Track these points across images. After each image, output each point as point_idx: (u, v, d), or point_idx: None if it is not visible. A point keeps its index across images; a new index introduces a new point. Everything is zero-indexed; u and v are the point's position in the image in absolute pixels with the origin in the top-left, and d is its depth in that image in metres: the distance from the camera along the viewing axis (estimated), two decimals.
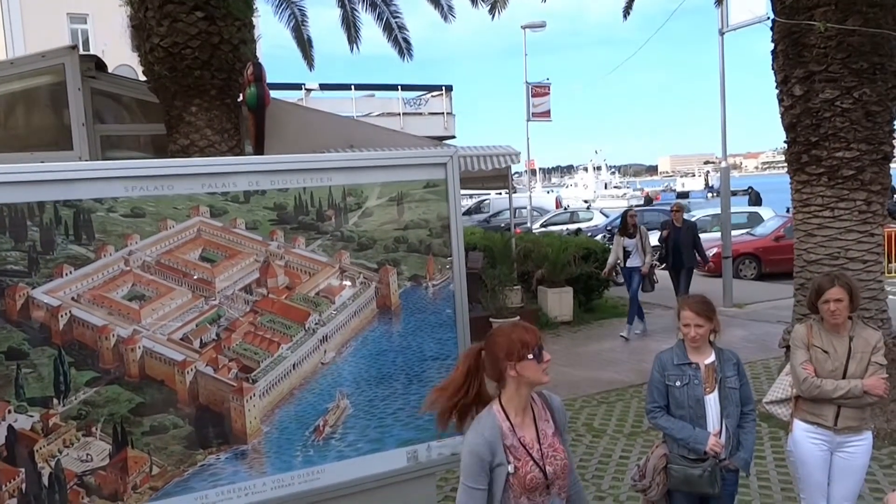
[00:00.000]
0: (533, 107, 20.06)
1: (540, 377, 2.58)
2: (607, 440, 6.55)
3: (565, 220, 25.15)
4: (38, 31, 21.81)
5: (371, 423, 3.96)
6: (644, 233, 11.04)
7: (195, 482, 3.53)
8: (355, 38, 11.30)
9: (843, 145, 6.45)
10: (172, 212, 3.47)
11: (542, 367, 2.57)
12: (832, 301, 3.80)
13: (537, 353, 2.55)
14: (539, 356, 2.55)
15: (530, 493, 2.52)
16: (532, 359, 2.54)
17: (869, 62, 6.37)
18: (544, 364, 2.57)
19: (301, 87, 18.73)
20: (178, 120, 7.31)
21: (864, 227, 6.52)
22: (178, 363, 3.47)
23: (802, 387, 3.85)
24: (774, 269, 16.04)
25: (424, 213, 4.09)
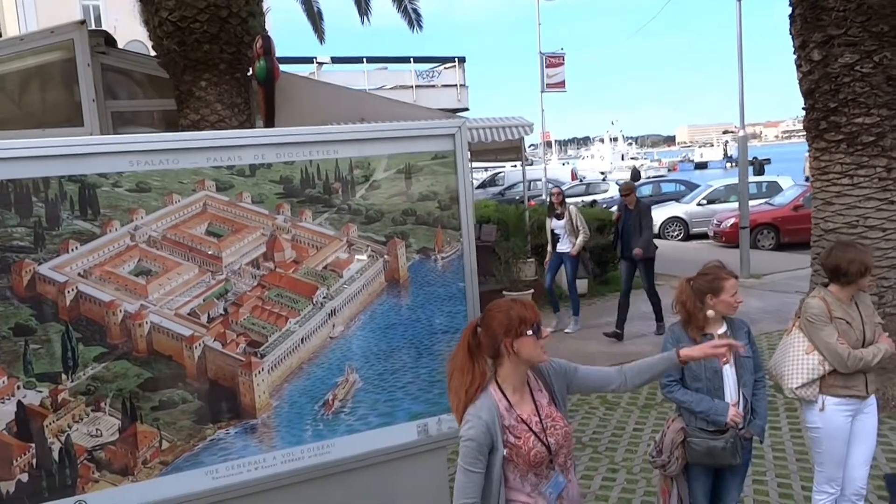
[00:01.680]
0: (547, 77, 19.77)
1: (540, 355, 2.54)
2: (621, 412, 6.53)
3: (581, 193, 24.98)
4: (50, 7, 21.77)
5: (381, 397, 3.95)
6: (574, 213, 9.87)
7: (205, 456, 3.54)
8: (366, 10, 11.19)
9: (863, 111, 6.32)
10: (178, 186, 3.45)
11: (541, 344, 2.52)
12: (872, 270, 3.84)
13: (536, 330, 2.50)
14: (538, 333, 2.50)
15: (536, 469, 2.49)
16: (531, 335, 2.49)
17: (889, 25, 6.20)
18: (543, 341, 2.53)
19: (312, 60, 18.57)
20: (188, 95, 7.28)
21: (883, 195, 6.41)
22: (185, 338, 3.47)
23: (849, 363, 3.74)
24: (793, 238, 15.84)
25: (433, 185, 4.03)
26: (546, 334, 2.54)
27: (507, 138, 10.95)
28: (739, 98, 13.48)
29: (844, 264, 3.77)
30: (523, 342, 2.48)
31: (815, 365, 3.82)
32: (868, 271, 3.78)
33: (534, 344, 2.50)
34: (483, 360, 2.53)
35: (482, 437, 2.44)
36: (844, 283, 3.82)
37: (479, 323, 2.57)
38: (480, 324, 2.56)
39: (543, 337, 2.53)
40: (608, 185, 27.14)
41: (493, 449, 2.46)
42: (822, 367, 3.80)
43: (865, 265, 3.75)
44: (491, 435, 2.44)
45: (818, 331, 3.80)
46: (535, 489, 2.50)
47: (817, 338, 3.81)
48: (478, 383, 2.50)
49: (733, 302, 3.54)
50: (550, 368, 2.71)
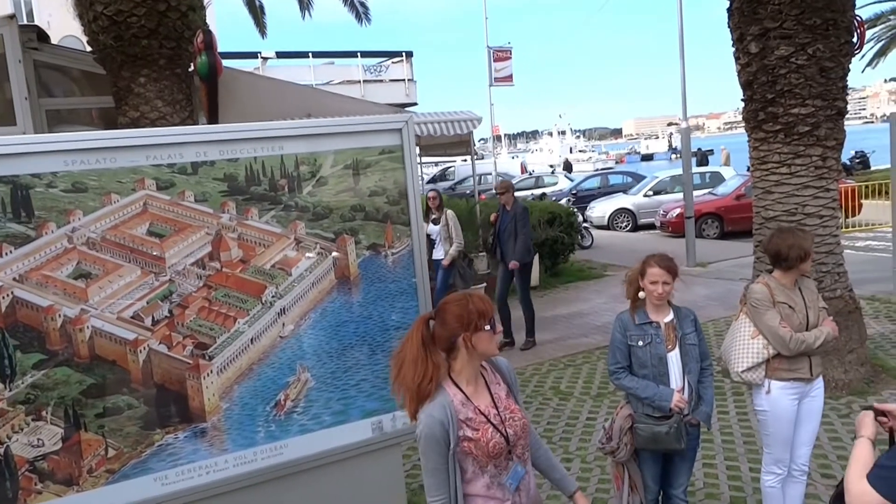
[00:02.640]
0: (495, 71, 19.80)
1: (494, 348, 2.57)
2: (574, 402, 6.60)
3: (530, 186, 25.19)
4: None
5: (334, 396, 3.91)
6: (451, 218, 9.24)
7: (153, 463, 3.45)
8: (307, 5, 11.03)
9: (799, 102, 6.49)
10: (116, 185, 3.34)
11: (496, 339, 2.55)
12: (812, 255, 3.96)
13: (493, 324, 2.51)
14: (494, 327, 2.52)
15: (496, 460, 2.49)
16: (488, 329, 2.49)
17: (822, 18, 6.38)
18: (497, 335, 2.55)
19: (257, 55, 18.27)
20: (126, 91, 7.08)
21: (819, 183, 6.60)
22: (129, 342, 3.37)
23: (791, 346, 3.83)
24: (736, 227, 16.27)
25: (381, 180, 4.00)
26: (499, 329, 2.56)
27: (455, 132, 10.95)
28: (682, 91, 13.76)
29: (784, 250, 3.87)
30: (480, 336, 2.48)
31: (759, 349, 3.92)
32: (807, 256, 3.89)
33: (490, 338, 2.51)
34: (437, 353, 2.51)
35: (439, 435, 2.43)
36: (786, 269, 3.92)
37: (433, 316, 2.55)
38: (435, 317, 2.55)
39: (497, 332, 2.54)
40: (557, 178, 27.44)
41: (454, 445, 2.45)
42: (767, 351, 3.90)
43: (805, 250, 3.86)
44: (447, 431, 2.43)
45: (761, 315, 3.90)
46: (494, 480, 2.51)
47: (761, 322, 3.91)
48: (431, 376, 2.46)
49: (652, 289, 3.60)
50: (507, 366, 2.74)
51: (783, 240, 3.92)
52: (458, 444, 2.45)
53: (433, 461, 2.45)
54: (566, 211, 13.18)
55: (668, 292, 3.61)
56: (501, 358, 2.74)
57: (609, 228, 19.78)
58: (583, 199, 21.73)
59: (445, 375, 2.54)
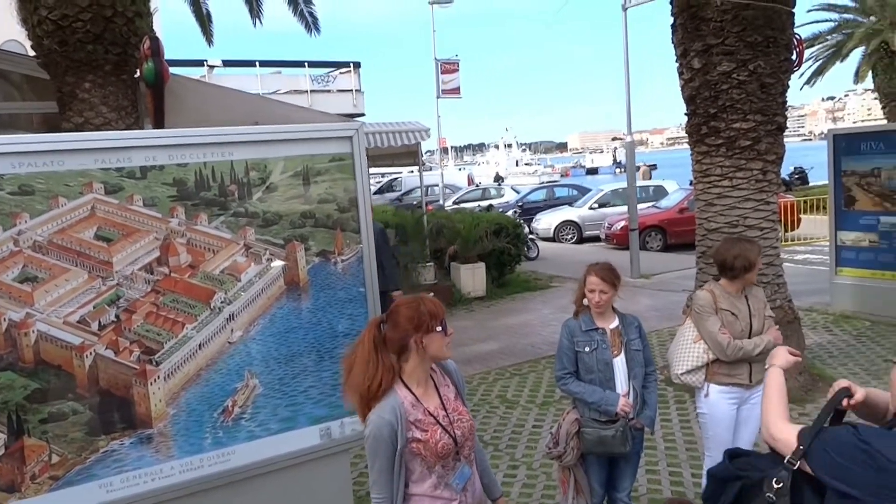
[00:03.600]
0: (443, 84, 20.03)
1: (445, 351, 2.58)
2: (520, 410, 6.70)
3: (477, 198, 25.42)
4: None
5: (282, 402, 3.91)
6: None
7: (98, 469, 3.41)
8: (258, 12, 10.98)
9: (740, 116, 6.71)
10: (64, 189, 3.30)
11: (447, 341, 2.57)
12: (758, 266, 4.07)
13: (445, 326, 2.55)
14: (445, 329, 2.55)
15: (443, 460, 2.54)
16: (440, 331, 2.53)
17: (762, 35, 6.61)
18: (449, 338, 2.57)
19: (203, 63, 18.06)
20: (70, 97, 6.93)
21: (760, 196, 6.84)
22: (75, 347, 3.33)
23: (728, 352, 3.96)
24: (679, 240, 16.67)
25: (331, 187, 4.04)
26: (451, 331, 2.59)
27: (403, 143, 11.02)
28: (626, 106, 14.11)
29: (730, 259, 4.02)
30: (432, 338, 2.52)
31: (700, 353, 4.06)
32: (753, 267, 4.02)
33: (441, 340, 2.54)
34: (388, 355, 2.53)
35: (387, 436, 2.45)
36: (731, 277, 4.07)
37: (386, 318, 2.59)
38: (387, 319, 2.57)
39: (449, 334, 2.57)
40: (503, 191, 27.76)
41: (402, 446, 2.48)
42: (707, 356, 4.04)
43: (750, 261, 4.00)
44: (395, 432, 2.46)
45: (703, 321, 4.05)
46: (441, 481, 2.55)
47: (702, 327, 4.05)
48: (381, 377, 2.49)
49: (590, 297, 3.73)
50: (455, 369, 2.78)
51: (729, 249, 4.07)
52: (407, 446, 2.49)
53: (380, 461, 2.47)
54: (512, 222, 13.35)
55: (605, 300, 3.71)
56: (450, 360, 2.78)
57: (555, 240, 20.08)
58: (529, 212, 22.02)
59: (396, 378, 2.56)
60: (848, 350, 8.00)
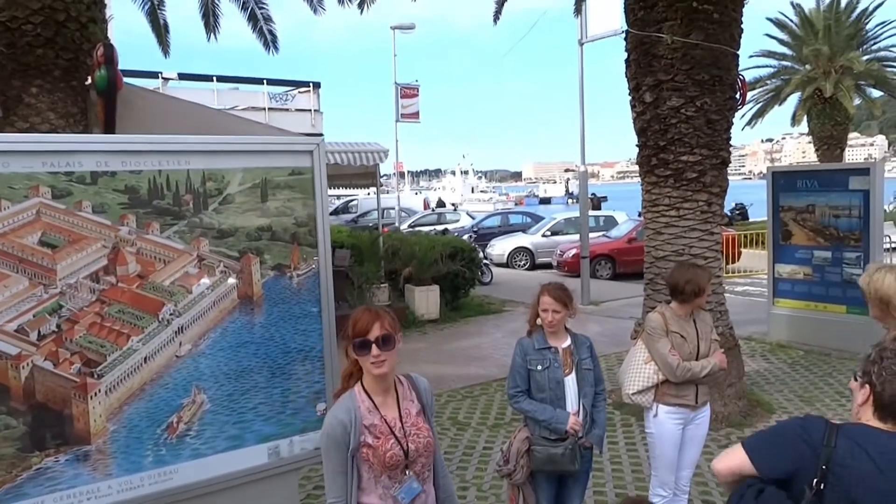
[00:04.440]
0: (402, 108, 20.16)
1: (367, 368, 2.51)
2: (471, 432, 6.66)
3: (433, 222, 25.46)
4: None
5: (230, 419, 3.80)
6: None
7: (29, 488, 3.24)
8: (214, 27, 10.85)
9: (688, 150, 6.92)
10: (8, 191, 3.17)
11: (368, 360, 2.48)
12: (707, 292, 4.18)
13: (356, 346, 2.47)
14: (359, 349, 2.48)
15: (391, 471, 2.51)
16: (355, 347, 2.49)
17: (710, 74, 6.88)
18: (370, 357, 2.47)
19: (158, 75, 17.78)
20: (16, 101, 6.70)
21: (705, 226, 7.03)
22: (11, 357, 3.18)
23: (677, 373, 4.05)
24: (628, 269, 17.00)
25: (289, 201, 3.98)
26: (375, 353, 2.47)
27: (362, 163, 10.99)
28: (581, 137, 14.36)
29: (682, 283, 4.12)
30: (357, 352, 2.51)
31: (650, 374, 4.14)
32: (702, 292, 4.14)
33: (363, 358, 2.50)
34: None
35: (339, 436, 2.46)
36: (681, 301, 4.17)
37: None
38: None
39: (372, 355, 2.47)
40: (459, 215, 27.90)
41: (355, 448, 2.48)
42: (657, 377, 4.13)
43: (700, 286, 4.11)
44: (348, 434, 2.47)
45: (654, 342, 4.12)
46: (387, 492, 2.53)
47: (653, 348, 4.13)
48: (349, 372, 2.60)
49: (543, 316, 3.77)
50: (426, 387, 2.75)
51: (682, 274, 4.18)
52: (358, 449, 2.49)
53: (332, 462, 2.49)
54: (468, 246, 13.40)
55: (558, 320, 3.75)
56: (423, 379, 2.77)
57: (508, 266, 20.20)
58: (483, 237, 22.16)
59: (357, 381, 2.59)
60: (783, 377, 8.28)
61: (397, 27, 21.34)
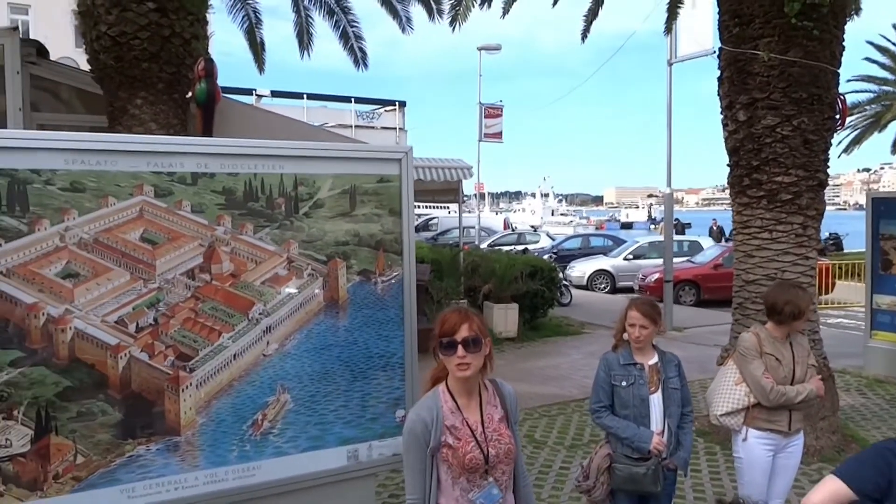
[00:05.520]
0: (485, 127, 20.25)
1: (451, 370, 2.50)
2: (548, 451, 6.55)
3: (513, 241, 25.37)
4: None
5: (312, 420, 3.85)
6: None
7: (122, 474, 3.36)
8: (308, 44, 11.20)
9: (783, 170, 6.66)
10: (114, 189, 3.34)
11: (453, 361, 2.47)
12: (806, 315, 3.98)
13: (441, 345, 2.46)
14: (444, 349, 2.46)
15: (470, 474, 2.49)
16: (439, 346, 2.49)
17: (808, 93, 6.62)
18: (455, 359, 2.46)
19: (252, 92, 18.49)
20: (121, 112, 7.09)
21: (799, 251, 6.73)
22: (111, 347, 3.32)
23: (770, 396, 3.87)
24: (713, 295, 16.43)
25: (377, 207, 4.04)
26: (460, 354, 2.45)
27: (445, 179, 11.07)
28: (667, 157, 14.07)
29: (781, 303, 3.93)
30: (440, 351, 2.50)
31: (741, 396, 3.96)
32: (802, 315, 3.94)
33: (447, 358, 2.49)
34: None
35: (420, 433, 2.47)
36: (778, 322, 3.98)
37: None
38: None
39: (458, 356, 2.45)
40: (539, 236, 27.74)
41: (435, 446, 2.48)
42: (748, 399, 3.94)
43: (800, 308, 3.91)
44: (429, 432, 2.46)
45: (747, 363, 3.95)
46: (464, 495, 2.50)
47: (745, 370, 3.95)
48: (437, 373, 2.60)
49: (630, 331, 3.66)
50: (511, 393, 2.71)
51: (782, 294, 3.99)
52: (439, 449, 2.48)
53: (412, 457, 2.49)
54: (548, 266, 13.27)
55: (645, 336, 3.64)
56: (508, 385, 2.74)
57: (588, 289, 19.90)
58: (564, 259, 21.92)
59: (443, 381, 2.59)
60: (881, 413, 7.81)
61: (483, 48, 21.52)
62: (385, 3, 10.89)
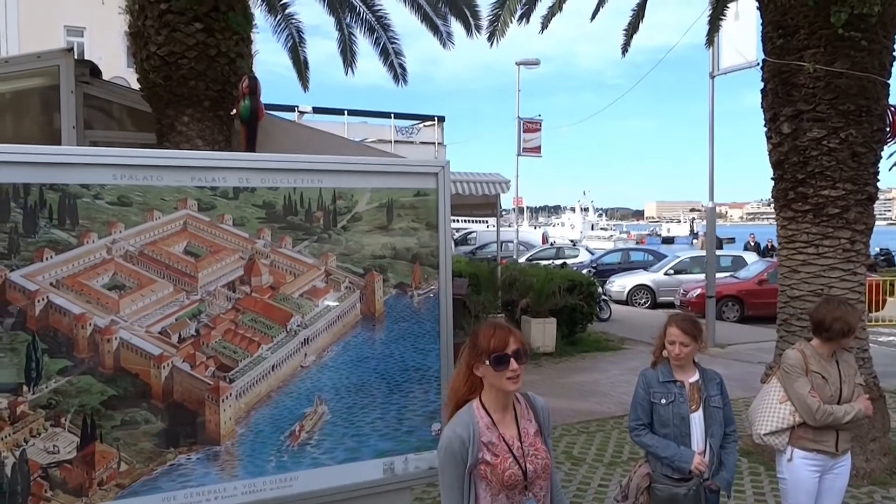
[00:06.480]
0: (524, 142, 20.25)
1: (501, 384, 2.49)
2: (586, 468, 6.47)
3: (551, 256, 25.24)
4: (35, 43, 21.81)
5: (348, 432, 3.88)
6: None
7: (163, 482, 3.42)
8: (351, 62, 11.38)
9: (829, 184, 6.52)
10: (160, 203, 3.43)
11: (505, 375, 2.46)
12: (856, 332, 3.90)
13: (494, 361, 2.45)
14: (497, 364, 2.45)
15: (509, 491, 2.47)
16: (487, 364, 2.47)
17: (855, 104, 6.48)
18: (508, 372, 2.46)
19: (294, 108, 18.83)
20: (169, 129, 7.28)
21: (847, 266, 6.57)
22: (154, 357, 3.40)
23: (816, 416, 3.78)
24: (757, 312, 16.10)
25: (413, 221, 4.07)
26: (514, 367, 2.46)
27: (483, 193, 11.10)
28: (710, 169, 13.87)
29: (829, 320, 3.82)
30: (483, 369, 2.50)
31: (785, 415, 3.85)
32: (851, 332, 3.83)
33: (493, 374, 2.48)
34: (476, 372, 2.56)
35: (457, 451, 2.45)
36: (825, 339, 3.88)
37: None
38: None
39: (511, 370, 2.46)
40: (578, 251, 27.55)
41: (473, 464, 2.46)
42: (793, 418, 3.84)
43: (850, 325, 3.80)
44: (466, 449, 2.45)
45: (792, 381, 3.85)
46: None
47: (790, 388, 3.85)
48: (465, 389, 2.56)
49: (670, 349, 3.60)
50: (543, 406, 2.71)
51: (830, 310, 3.88)
52: (476, 466, 2.47)
53: (449, 476, 2.47)
54: (587, 280, 13.18)
55: (686, 353, 3.58)
56: (540, 398, 2.73)
57: (627, 304, 19.67)
58: (603, 273, 21.71)
59: (476, 397, 2.57)
60: None
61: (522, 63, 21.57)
62: (426, 20, 11.01)
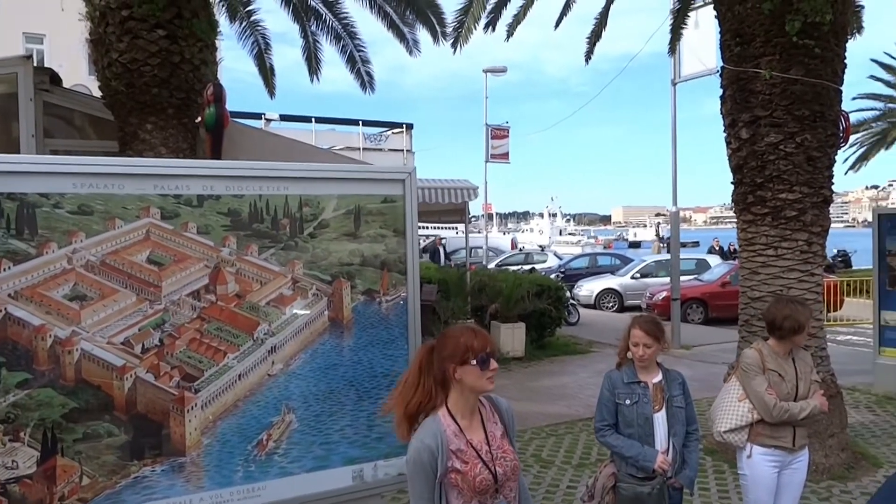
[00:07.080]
0: (492, 148, 20.38)
1: (482, 384, 2.52)
2: (555, 471, 6.52)
3: (520, 261, 25.35)
4: None
5: (317, 440, 3.86)
6: None
7: (127, 495, 3.37)
8: (316, 69, 11.35)
9: (787, 187, 6.67)
10: (121, 211, 3.39)
11: (486, 375, 2.50)
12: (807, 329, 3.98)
13: (481, 360, 2.48)
14: (483, 363, 2.48)
15: (481, 496, 2.48)
16: (475, 365, 2.49)
17: (810, 110, 6.64)
18: (489, 372, 2.50)
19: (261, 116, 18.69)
20: (132, 137, 7.18)
21: (805, 267, 6.72)
22: (117, 368, 3.35)
23: (773, 412, 3.86)
24: (721, 314, 16.38)
25: (381, 227, 4.08)
26: (494, 367, 2.52)
27: (451, 200, 11.12)
28: (672, 173, 14.09)
29: (780, 319, 3.93)
30: (467, 370, 2.49)
31: (744, 412, 3.95)
32: (801, 329, 3.93)
33: (478, 374, 2.49)
34: (431, 380, 2.54)
35: (426, 462, 2.43)
36: (779, 338, 3.98)
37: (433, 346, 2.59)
38: (434, 347, 2.58)
39: (491, 369, 2.51)
40: (546, 256, 27.73)
41: (443, 473, 2.45)
42: (752, 415, 3.93)
43: (799, 323, 3.91)
44: (436, 459, 2.43)
45: (750, 380, 3.94)
46: None
47: (748, 386, 3.95)
48: (419, 400, 2.53)
49: (634, 350, 3.65)
50: (507, 407, 2.73)
51: (780, 309, 3.98)
52: (446, 475, 2.45)
53: (419, 487, 2.45)
54: (555, 285, 13.28)
55: (649, 354, 3.64)
56: (502, 399, 2.75)
57: (595, 307, 19.85)
58: (571, 278, 21.88)
59: (441, 405, 2.55)
60: (891, 430, 7.77)
61: (489, 70, 21.71)
62: (392, 27, 11.02)
